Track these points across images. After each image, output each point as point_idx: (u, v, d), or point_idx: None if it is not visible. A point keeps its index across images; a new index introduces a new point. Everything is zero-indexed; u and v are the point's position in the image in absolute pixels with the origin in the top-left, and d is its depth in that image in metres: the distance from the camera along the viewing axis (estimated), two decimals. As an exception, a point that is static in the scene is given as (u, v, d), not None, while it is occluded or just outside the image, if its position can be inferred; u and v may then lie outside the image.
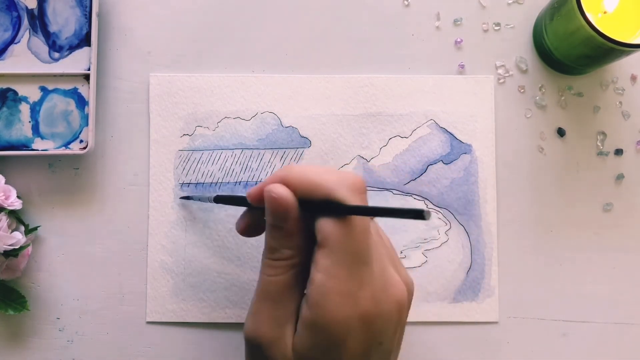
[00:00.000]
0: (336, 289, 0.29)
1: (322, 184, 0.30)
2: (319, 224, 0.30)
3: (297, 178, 0.31)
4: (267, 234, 0.32)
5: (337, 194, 0.30)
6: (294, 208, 0.31)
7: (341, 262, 0.29)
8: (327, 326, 0.29)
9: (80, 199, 0.45)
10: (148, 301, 0.44)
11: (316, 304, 0.29)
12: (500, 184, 0.46)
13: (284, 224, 0.31)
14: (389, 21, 0.46)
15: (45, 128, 0.44)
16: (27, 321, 0.44)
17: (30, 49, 0.44)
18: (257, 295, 0.32)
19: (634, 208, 0.46)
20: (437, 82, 0.46)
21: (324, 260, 0.29)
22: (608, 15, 0.41)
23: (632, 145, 0.46)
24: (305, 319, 0.30)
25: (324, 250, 0.30)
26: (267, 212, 0.31)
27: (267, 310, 0.31)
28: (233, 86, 0.45)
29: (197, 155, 0.45)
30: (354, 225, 0.29)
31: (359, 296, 0.29)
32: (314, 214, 0.31)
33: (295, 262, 0.31)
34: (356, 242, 0.30)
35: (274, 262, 0.32)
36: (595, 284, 0.45)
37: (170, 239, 0.44)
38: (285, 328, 0.31)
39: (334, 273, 0.29)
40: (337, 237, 0.29)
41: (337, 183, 0.30)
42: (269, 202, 0.31)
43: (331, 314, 0.29)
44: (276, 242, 0.32)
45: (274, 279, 0.31)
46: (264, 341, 0.31)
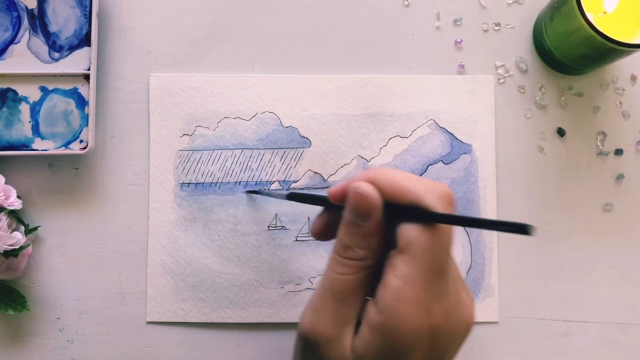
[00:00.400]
0: (412, 298, 0.28)
1: (412, 189, 0.29)
2: (402, 228, 0.29)
3: (384, 180, 0.30)
4: (343, 230, 0.31)
5: (427, 201, 0.29)
6: (379, 208, 0.30)
7: (421, 271, 0.28)
8: (396, 333, 0.29)
9: (80, 199, 0.45)
10: (148, 301, 0.44)
11: (389, 309, 0.29)
12: (500, 184, 0.46)
13: (365, 223, 0.30)
14: (389, 21, 0.46)
15: (45, 128, 0.44)
16: (27, 321, 0.44)
17: (30, 49, 0.44)
18: (320, 290, 0.31)
19: (634, 208, 0.46)
20: (437, 82, 0.46)
21: (403, 267, 0.29)
22: (608, 15, 0.41)
23: (632, 145, 0.46)
24: (373, 321, 0.29)
25: (404, 256, 0.29)
26: (349, 208, 0.31)
27: (330, 307, 0.31)
28: (233, 86, 0.45)
29: (197, 155, 0.45)
30: (440, 235, 0.29)
31: (433, 309, 0.29)
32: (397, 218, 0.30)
33: (367, 263, 0.31)
34: (440, 253, 0.29)
35: (345, 260, 0.31)
36: (595, 284, 0.45)
37: (170, 239, 0.44)
38: (346, 328, 0.30)
39: (412, 281, 0.28)
40: (421, 245, 0.28)
41: (426, 190, 0.29)
42: (354, 198, 0.30)
43: (403, 321, 0.28)
44: (352, 239, 0.31)
45: (343, 277, 0.31)
46: (322, 339, 0.30)
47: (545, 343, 0.45)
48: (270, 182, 0.45)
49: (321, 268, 0.44)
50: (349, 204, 0.31)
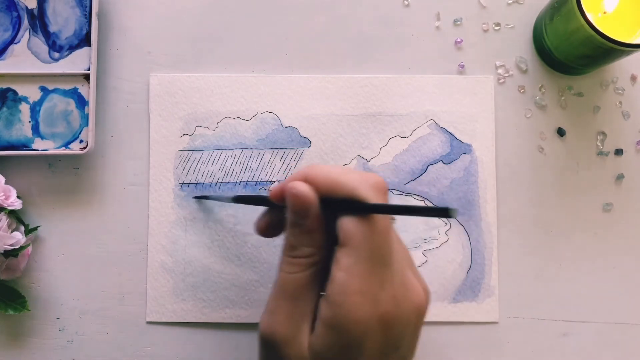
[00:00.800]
0: (357, 288, 0.29)
1: (345, 182, 0.30)
2: (340, 222, 0.30)
3: (319, 176, 0.31)
4: (288, 231, 0.32)
5: (360, 193, 0.29)
6: (315, 205, 0.30)
7: (363, 261, 0.29)
8: (347, 326, 0.29)
9: (80, 199, 0.45)
10: (148, 301, 0.44)
11: (336, 302, 0.29)
12: (500, 184, 0.46)
13: (305, 222, 0.31)
14: (389, 21, 0.46)
15: (45, 128, 0.44)
16: (27, 321, 0.44)
17: (30, 49, 0.44)
18: (274, 292, 0.32)
19: (634, 208, 0.46)
20: (437, 82, 0.46)
21: (345, 259, 0.29)
22: (608, 15, 0.41)
23: (632, 145, 0.46)
24: (324, 317, 0.30)
25: (345, 248, 0.29)
26: (289, 209, 0.31)
27: (284, 307, 0.31)
28: (233, 86, 0.45)
29: (197, 155, 0.45)
30: (376, 224, 0.29)
31: (380, 297, 0.29)
32: (335, 212, 0.30)
33: (314, 260, 0.31)
34: (378, 241, 0.29)
35: (293, 260, 0.31)
36: (595, 284, 0.45)
37: (170, 239, 0.44)
38: (302, 326, 0.31)
39: (355, 272, 0.29)
40: (359, 236, 0.29)
41: (359, 182, 0.30)
42: (291, 199, 0.31)
43: (352, 313, 0.29)
44: (296, 239, 0.31)
45: (293, 276, 0.31)
46: (279, 339, 0.31)
47: (545, 343, 0.45)
48: (270, 182, 0.45)
49: (321, 268, 0.44)
50: (287, 204, 0.31)
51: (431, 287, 0.44)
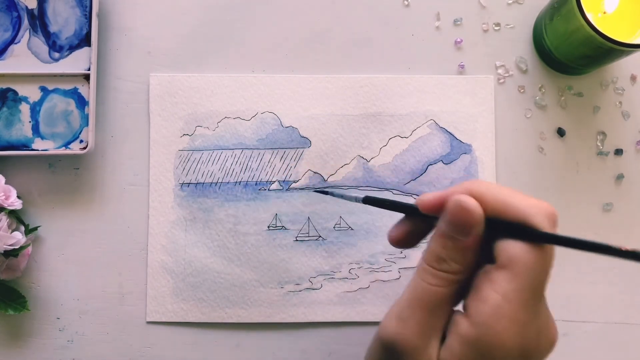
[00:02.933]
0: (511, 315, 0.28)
1: (519, 206, 0.29)
2: (504, 244, 0.29)
3: (489, 195, 0.30)
4: (436, 242, 0.31)
5: (535, 220, 0.28)
6: (481, 224, 0.29)
7: (524, 290, 0.28)
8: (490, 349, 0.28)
9: (80, 199, 0.45)
10: (148, 301, 0.44)
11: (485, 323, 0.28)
12: (500, 184, 0.45)
13: (464, 238, 0.30)
14: (389, 21, 0.46)
15: (45, 128, 0.44)
16: (27, 321, 0.44)
17: (31, 49, 0.44)
18: (408, 299, 0.31)
19: (634, 208, 0.46)
20: (437, 82, 0.46)
21: (505, 283, 0.28)
22: (608, 15, 0.41)
23: (632, 145, 0.46)
24: (465, 334, 0.29)
25: (507, 272, 0.28)
26: (449, 221, 0.30)
27: (418, 317, 0.30)
28: (233, 86, 0.45)
29: (197, 155, 0.45)
30: (545, 255, 0.29)
31: (528, 329, 0.29)
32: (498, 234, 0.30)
33: (460, 277, 0.30)
34: (543, 273, 0.29)
35: (437, 272, 0.30)
36: (595, 284, 0.45)
37: (170, 239, 0.44)
38: (432, 339, 0.30)
39: (512, 298, 0.28)
40: (527, 264, 0.28)
41: (534, 209, 0.29)
42: (456, 213, 0.29)
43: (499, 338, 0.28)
44: (447, 252, 0.30)
45: (435, 289, 0.30)
46: (408, 348, 0.30)
47: (545, 343, 0.45)
48: (270, 182, 0.45)
49: (321, 268, 0.44)
50: (449, 217, 0.30)
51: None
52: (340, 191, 0.42)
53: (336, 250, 0.44)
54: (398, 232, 0.34)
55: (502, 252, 0.29)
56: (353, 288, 0.44)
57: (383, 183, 0.45)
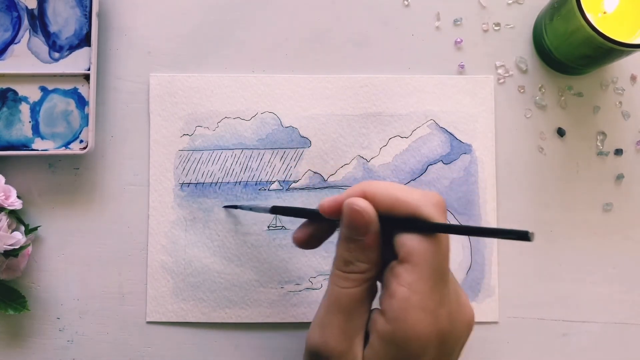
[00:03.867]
0: (419, 305, 0.29)
1: (407, 200, 0.30)
2: (402, 239, 0.30)
3: (380, 193, 0.31)
4: (341, 246, 0.32)
5: (423, 212, 0.30)
6: (375, 222, 0.31)
7: (425, 278, 0.29)
8: (407, 341, 0.29)
9: (80, 199, 0.45)
10: (148, 301, 0.44)
11: (397, 318, 0.29)
12: (500, 184, 0.46)
13: (363, 238, 0.31)
14: (389, 21, 0.46)
15: (45, 128, 0.44)
16: (27, 321, 0.44)
17: (31, 49, 0.44)
18: (326, 306, 0.32)
19: (634, 208, 0.46)
20: (437, 82, 0.46)
21: (407, 275, 0.29)
22: (608, 15, 0.41)
23: (632, 145, 0.46)
24: (382, 331, 0.30)
25: (407, 265, 0.30)
26: (345, 224, 0.31)
27: (337, 322, 0.31)
28: (233, 86, 0.45)
29: (197, 155, 0.45)
30: (440, 242, 0.30)
31: (439, 313, 0.30)
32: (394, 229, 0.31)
33: (369, 275, 0.31)
34: (441, 259, 0.30)
35: (347, 275, 0.31)
36: (595, 284, 0.45)
37: (170, 239, 0.44)
38: (355, 341, 0.31)
39: (417, 288, 0.29)
40: (423, 254, 0.29)
41: (422, 200, 0.30)
42: (350, 215, 0.31)
43: (413, 328, 0.29)
44: (351, 254, 0.31)
45: (347, 291, 0.31)
46: (333, 354, 0.31)
47: (545, 343, 0.45)
48: (270, 182, 0.45)
49: (321, 268, 0.44)
50: (345, 220, 0.31)
51: (431, 287, 0.45)
52: (249, 204, 0.43)
53: (336, 250, 0.44)
54: (302, 234, 0.36)
55: (401, 247, 0.30)
56: (353, 288, 0.44)
57: (383, 183, 0.45)
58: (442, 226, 0.30)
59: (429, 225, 0.30)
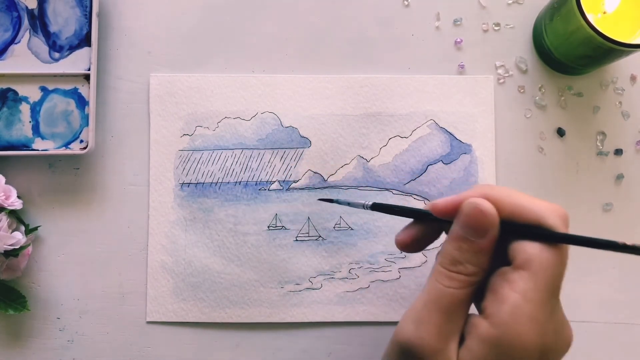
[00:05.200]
0: (531, 314, 0.29)
1: (534, 209, 0.30)
2: (521, 245, 0.30)
3: (504, 198, 0.31)
4: (451, 244, 0.31)
5: (549, 221, 0.30)
6: (496, 226, 0.30)
7: (542, 289, 0.29)
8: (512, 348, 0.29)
9: (80, 199, 0.45)
10: (148, 301, 0.44)
11: (506, 323, 0.29)
12: (500, 184, 0.45)
13: (480, 240, 0.30)
14: (389, 21, 0.46)
15: (45, 128, 0.44)
16: (27, 321, 0.44)
17: (31, 49, 0.44)
18: (424, 301, 0.31)
19: (634, 208, 0.46)
20: (437, 82, 0.46)
21: (523, 283, 0.29)
22: (608, 15, 0.41)
23: (632, 145, 0.46)
24: (485, 335, 0.29)
25: (524, 272, 0.29)
26: (463, 223, 0.31)
27: (436, 319, 0.30)
28: (233, 86, 0.45)
29: (197, 155, 0.45)
30: (561, 254, 0.29)
31: (547, 327, 0.29)
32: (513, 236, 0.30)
33: (475, 279, 0.31)
34: (560, 271, 0.29)
35: (453, 274, 0.31)
36: (595, 284, 0.45)
37: (170, 239, 0.44)
38: (451, 341, 0.30)
39: (532, 297, 0.29)
40: (544, 263, 0.29)
41: (548, 211, 0.30)
42: (471, 215, 0.30)
43: (520, 337, 0.29)
44: (462, 255, 0.31)
45: (451, 291, 0.31)
46: (427, 351, 0.30)
47: (545, 343, 0.45)
48: (270, 182, 0.45)
49: (321, 268, 0.44)
50: (463, 219, 0.31)
51: (431, 287, 0.44)
52: (346, 199, 0.41)
53: (336, 250, 0.44)
54: (406, 236, 0.35)
55: (519, 253, 0.30)
56: (353, 288, 0.44)
57: (383, 183, 0.45)
58: (568, 237, 0.29)
59: (554, 235, 0.29)
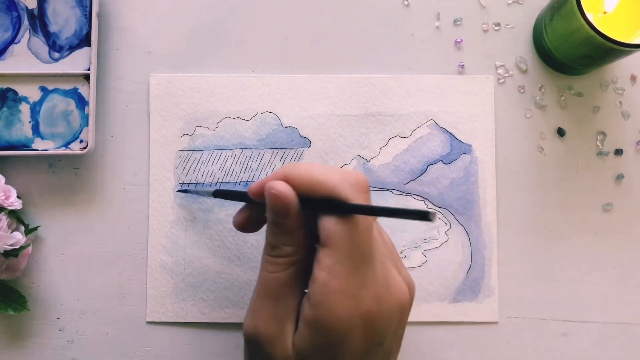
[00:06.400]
0: (339, 288, 0.29)
1: (325, 181, 0.30)
2: (321, 222, 0.30)
3: (299, 175, 0.31)
4: (268, 230, 0.32)
5: (340, 192, 0.29)
6: (295, 205, 0.30)
7: (344, 261, 0.29)
8: (329, 325, 0.29)
9: (80, 199, 0.45)
10: (148, 301, 0.44)
11: (318, 302, 0.29)
12: (500, 184, 0.46)
13: (284, 221, 0.31)
14: (389, 21, 0.46)
15: (45, 128, 0.44)
16: (27, 321, 0.44)
17: (31, 49, 0.44)
18: (256, 292, 0.32)
19: (634, 208, 0.46)
20: (437, 82, 0.46)
21: (326, 259, 0.29)
22: (608, 15, 0.41)
23: (632, 145, 0.46)
24: (307, 317, 0.30)
25: (326, 249, 0.29)
26: (268, 208, 0.31)
27: (267, 307, 0.31)
28: (233, 86, 0.45)
29: (197, 155, 0.45)
30: (357, 224, 0.29)
31: (362, 296, 0.29)
32: (316, 211, 0.30)
33: (295, 259, 0.31)
34: (359, 241, 0.29)
35: (274, 259, 0.31)
36: (595, 284, 0.45)
37: (170, 239, 0.44)
38: (286, 325, 0.31)
39: (337, 272, 0.29)
40: (340, 236, 0.29)
41: (340, 181, 0.30)
42: (270, 199, 0.31)
43: (333, 313, 0.29)
44: (276, 238, 0.31)
45: (274, 275, 0.31)
46: (263, 338, 0.31)
47: (545, 343, 0.45)
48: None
49: (321, 268, 0.44)
50: (267, 204, 0.31)
51: (431, 287, 0.45)
52: (195, 188, 0.44)
53: (336, 250, 0.44)
54: (240, 217, 0.36)
55: (321, 230, 0.30)
56: (353, 288, 0.44)
57: (383, 183, 0.45)
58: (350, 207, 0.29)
59: (340, 206, 0.29)
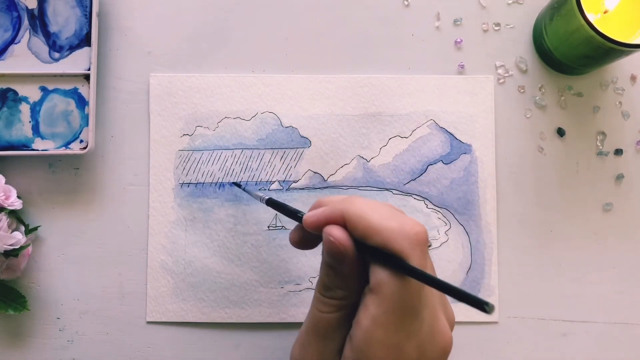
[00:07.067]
0: (381, 339, 0.29)
1: (381, 231, 0.29)
2: (373, 268, 0.29)
3: (355, 217, 0.30)
4: (322, 271, 0.32)
5: (395, 246, 0.28)
6: (350, 253, 0.30)
7: (391, 314, 0.28)
8: None
9: (80, 199, 0.45)
10: (148, 301, 0.44)
11: (359, 348, 0.29)
12: (500, 184, 0.46)
13: (340, 266, 0.30)
14: (389, 21, 0.46)
15: (45, 128, 0.44)
16: (27, 321, 0.44)
17: (31, 49, 0.44)
18: (306, 325, 0.33)
19: (634, 208, 0.46)
20: (437, 82, 0.46)
21: (373, 307, 0.29)
22: (608, 15, 0.41)
23: (632, 145, 0.46)
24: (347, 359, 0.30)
25: (375, 296, 0.29)
26: (324, 250, 0.31)
27: (314, 344, 0.32)
28: (233, 86, 0.45)
29: (197, 155, 0.45)
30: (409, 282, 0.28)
31: (404, 347, 0.29)
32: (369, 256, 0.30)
33: (347, 302, 0.31)
34: (409, 295, 0.29)
35: (325, 300, 0.31)
36: (595, 284, 0.45)
37: (170, 239, 0.44)
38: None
39: (382, 322, 0.29)
40: (391, 288, 0.28)
41: (397, 232, 0.29)
42: (327, 244, 0.30)
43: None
44: (330, 281, 0.31)
45: (325, 315, 0.31)
46: None
47: (545, 343, 0.45)
48: (270, 182, 0.45)
49: (321, 268, 0.44)
50: (324, 247, 0.31)
51: (431, 287, 0.45)
52: (249, 188, 0.44)
53: (336, 250, 0.44)
54: (296, 235, 0.36)
55: (372, 277, 0.29)
56: (353, 288, 0.44)
57: (383, 183, 0.45)
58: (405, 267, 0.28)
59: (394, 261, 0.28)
